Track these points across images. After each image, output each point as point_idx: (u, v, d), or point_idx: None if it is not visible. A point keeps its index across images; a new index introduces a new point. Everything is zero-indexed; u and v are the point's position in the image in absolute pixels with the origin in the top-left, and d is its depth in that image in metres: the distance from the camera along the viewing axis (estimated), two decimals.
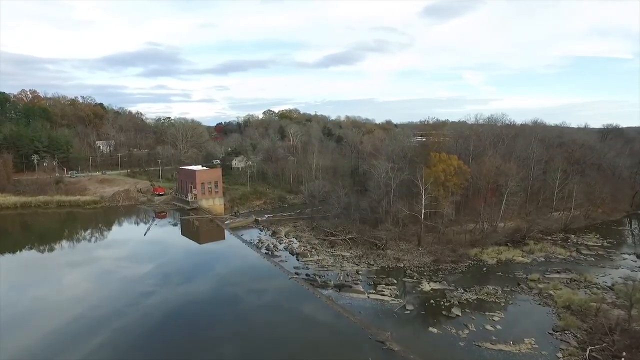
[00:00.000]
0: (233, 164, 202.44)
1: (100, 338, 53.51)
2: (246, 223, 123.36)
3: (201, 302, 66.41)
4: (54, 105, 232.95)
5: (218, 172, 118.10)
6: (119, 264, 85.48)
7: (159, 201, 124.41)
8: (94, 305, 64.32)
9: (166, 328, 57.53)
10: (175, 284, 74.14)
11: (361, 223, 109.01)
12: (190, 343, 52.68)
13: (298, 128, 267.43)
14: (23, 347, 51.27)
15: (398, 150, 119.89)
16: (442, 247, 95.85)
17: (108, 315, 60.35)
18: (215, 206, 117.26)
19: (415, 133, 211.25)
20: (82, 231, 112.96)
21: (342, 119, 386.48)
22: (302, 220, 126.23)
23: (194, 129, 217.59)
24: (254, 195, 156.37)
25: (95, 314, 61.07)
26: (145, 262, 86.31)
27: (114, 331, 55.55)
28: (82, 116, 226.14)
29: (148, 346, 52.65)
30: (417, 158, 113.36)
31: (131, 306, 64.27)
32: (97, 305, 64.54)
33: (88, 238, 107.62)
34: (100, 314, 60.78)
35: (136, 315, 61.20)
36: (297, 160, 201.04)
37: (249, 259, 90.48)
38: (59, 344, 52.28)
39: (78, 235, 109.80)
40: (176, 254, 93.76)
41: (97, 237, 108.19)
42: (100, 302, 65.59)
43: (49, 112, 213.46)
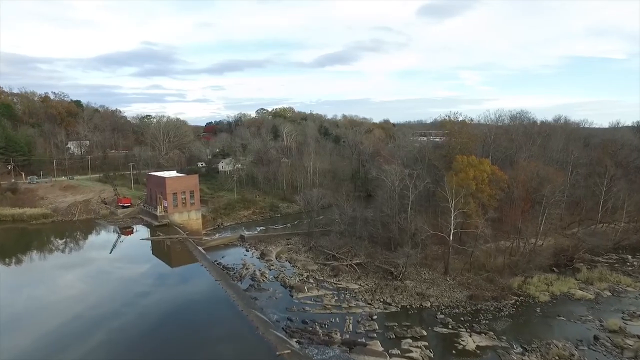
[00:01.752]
0: (220, 167, 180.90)
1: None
2: (230, 240, 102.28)
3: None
4: (19, 102, 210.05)
5: (194, 179, 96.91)
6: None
7: (124, 214, 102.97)
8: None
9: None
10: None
11: (370, 242, 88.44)
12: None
13: (293, 127, 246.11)
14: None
15: (414, 152, 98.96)
16: (475, 275, 75.54)
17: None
18: (191, 221, 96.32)
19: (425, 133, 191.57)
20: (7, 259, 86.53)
21: (338, 118, 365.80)
22: (297, 236, 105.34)
23: (177, 128, 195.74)
24: (241, 204, 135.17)
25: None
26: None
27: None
28: (53, 114, 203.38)
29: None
30: (437, 162, 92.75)
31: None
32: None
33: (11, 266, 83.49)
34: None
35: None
36: (292, 162, 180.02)
37: (218, 308, 61.81)
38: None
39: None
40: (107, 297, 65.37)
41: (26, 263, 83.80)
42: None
43: (12, 109, 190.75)
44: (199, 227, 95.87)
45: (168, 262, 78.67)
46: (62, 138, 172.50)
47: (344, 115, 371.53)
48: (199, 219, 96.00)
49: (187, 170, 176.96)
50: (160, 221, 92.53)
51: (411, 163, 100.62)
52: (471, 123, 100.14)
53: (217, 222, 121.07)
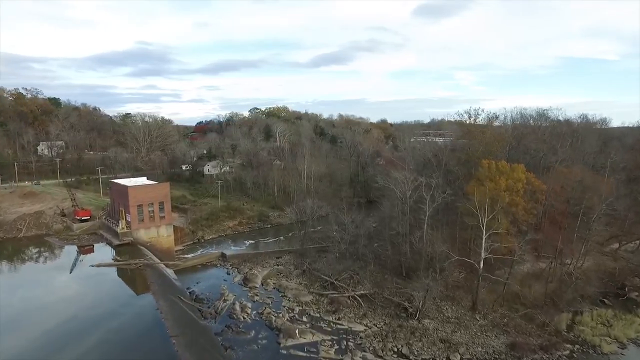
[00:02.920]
0: (205, 171, 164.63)
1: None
2: (209, 259, 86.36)
3: None
4: None
5: (164, 188, 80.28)
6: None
7: (80, 230, 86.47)
8: None
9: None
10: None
11: (377, 266, 72.79)
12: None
13: (286, 126, 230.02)
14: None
15: (429, 156, 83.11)
16: (510, 310, 60.19)
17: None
18: (161, 239, 79.96)
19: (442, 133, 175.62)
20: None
21: (334, 117, 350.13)
22: (289, 253, 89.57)
23: (160, 128, 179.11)
24: (225, 214, 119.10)
25: None
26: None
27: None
28: (24, 112, 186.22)
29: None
30: (456, 168, 77.24)
31: None
32: None
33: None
34: None
35: None
36: (285, 165, 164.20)
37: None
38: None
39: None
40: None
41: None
42: None
43: None
44: (170, 245, 79.89)
45: (114, 295, 61.29)
46: (29, 138, 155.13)
47: (340, 114, 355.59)
48: (171, 236, 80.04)
49: (169, 174, 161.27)
50: (122, 239, 75.55)
51: (421, 168, 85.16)
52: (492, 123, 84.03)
53: (197, 235, 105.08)
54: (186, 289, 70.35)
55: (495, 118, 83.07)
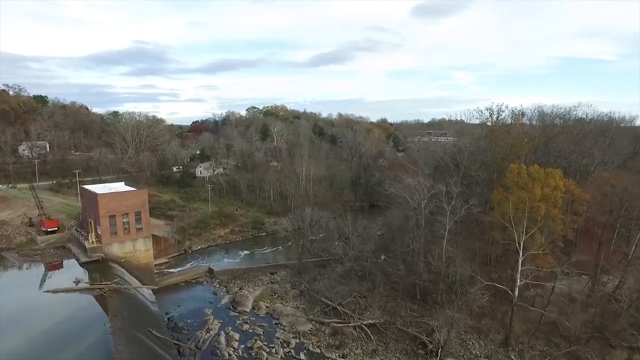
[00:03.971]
0: (197, 173, 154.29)
1: None
2: (194, 276, 76.18)
3: None
4: None
5: (141, 195, 69.45)
6: None
7: (46, 243, 75.91)
8: None
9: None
10: None
11: (387, 288, 62.57)
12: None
13: (284, 126, 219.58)
14: None
15: (446, 159, 72.60)
16: (548, 346, 50.08)
17: None
18: (138, 254, 69.31)
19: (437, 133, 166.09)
20: None
21: (334, 117, 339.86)
22: (284, 268, 79.39)
23: (149, 127, 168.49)
24: (216, 221, 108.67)
25: None
26: None
27: None
28: (5, 110, 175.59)
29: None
30: (478, 174, 66.92)
31: None
32: None
33: None
34: None
35: None
36: (282, 167, 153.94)
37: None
38: None
39: None
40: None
41: None
42: None
43: None
44: (148, 261, 69.52)
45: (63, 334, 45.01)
46: (6, 138, 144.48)
47: (340, 114, 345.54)
48: (150, 250, 69.56)
49: (159, 176, 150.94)
50: (91, 256, 64.37)
51: (436, 172, 74.94)
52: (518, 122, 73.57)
53: (184, 245, 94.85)
54: (164, 314, 60.32)
55: (521, 115, 72.92)
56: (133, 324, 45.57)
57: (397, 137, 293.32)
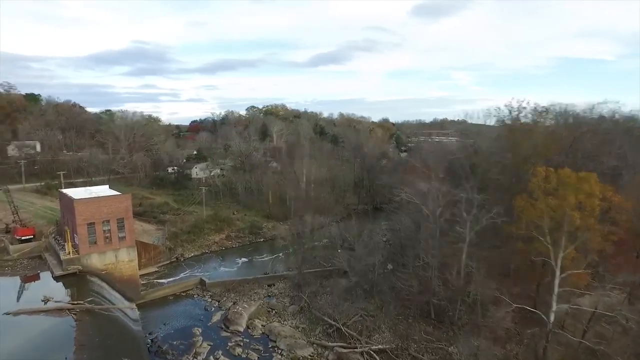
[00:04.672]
0: (193, 174, 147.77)
1: None
2: (184, 288, 69.60)
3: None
4: None
5: (124, 201, 62.60)
6: None
7: (19, 253, 69.05)
8: None
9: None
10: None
11: (397, 306, 55.81)
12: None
13: (284, 125, 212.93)
14: None
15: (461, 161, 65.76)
16: None
17: None
18: (120, 265, 62.78)
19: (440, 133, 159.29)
20: None
21: (335, 116, 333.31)
22: (283, 280, 72.78)
23: (144, 126, 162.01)
24: (211, 226, 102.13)
25: None
26: None
27: None
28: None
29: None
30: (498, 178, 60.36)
31: None
32: None
33: None
34: None
35: None
36: (281, 168, 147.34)
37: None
38: None
39: None
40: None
41: None
42: None
43: None
44: (132, 273, 62.96)
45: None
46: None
47: (341, 113, 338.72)
48: (134, 261, 62.93)
49: (152, 178, 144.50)
50: (66, 268, 58.01)
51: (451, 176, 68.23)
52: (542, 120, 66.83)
53: (176, 253, 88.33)
54: (147, 334, 53.74)
55: (545, 113, 66.14)
56: (104, 354, 38.97)
57: (400, 137, 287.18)
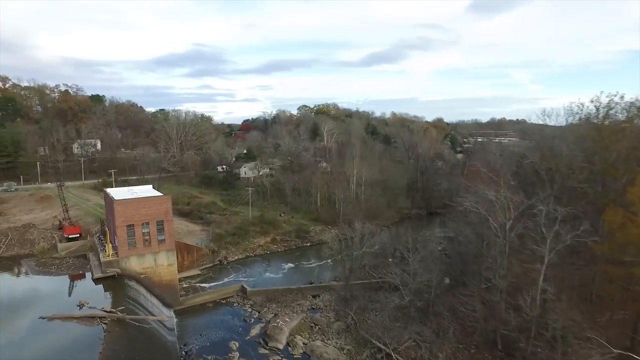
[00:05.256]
0: (242, 173, 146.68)
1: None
2: (224, 295, 66.30)
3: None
4: (33, 96, 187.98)
5: (164, 202, 60.11)
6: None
7: (66, 251, 69.51)
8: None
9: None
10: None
11: (456, 332, 48.37)
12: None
13: (335, 124, 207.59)
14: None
15: (537, 166, 56.53)
16: None
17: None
18: (159, 269, 60.40)
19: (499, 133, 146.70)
20: None
21: (387, 116, 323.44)
22: (329, 292, 67.35)
23: (195, 126, 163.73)
24: (257, 228, 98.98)
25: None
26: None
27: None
28: (63, 109, 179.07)
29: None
30: (584, 186, 50.96)
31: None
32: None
33: None
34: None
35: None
36: (331, 168, 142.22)
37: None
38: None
39: None
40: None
41: None
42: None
43: (16, 103, 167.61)
44: (172, 278, 60.54)
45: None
46: (59, 136, 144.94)
47: (393, 113, 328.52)
48: (173, 265, 60.44)
49: (202, 176, 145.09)
50: (105, 271, 57.04)
51: (523, 183, 59.24)
52: None
53: (220, 256, 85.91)
54: (182, 346, 50.57)
55: None
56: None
57: (455, 138, 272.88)
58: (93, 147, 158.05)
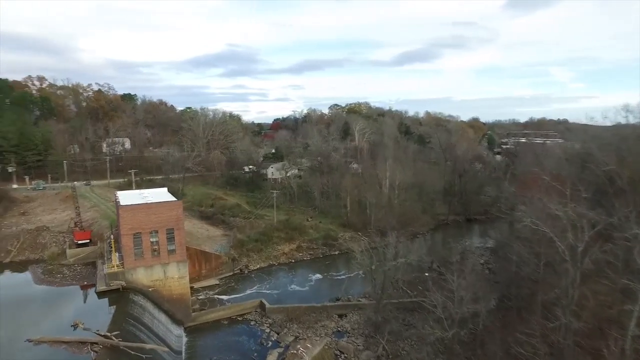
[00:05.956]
0: (268, 174, 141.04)
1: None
2: (241, 311, 60.11)
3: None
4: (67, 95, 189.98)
5: (175, 208, 53.99)
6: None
7: (75, 258, 65.03)
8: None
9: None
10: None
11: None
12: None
13: (366, 124, 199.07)
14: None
15: (618, 170, 46.73)
16: None
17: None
18: (170, 282, 54.71)
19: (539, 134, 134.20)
20: None
21: (421, 115, 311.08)
22: (358, 311, 59.92)
23: (223, 124, 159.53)
24: (282, 234, 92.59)
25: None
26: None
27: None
28: (94, 108, 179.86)
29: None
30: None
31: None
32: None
33: None
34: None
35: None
36: (362, 170, 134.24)
37: None
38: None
39: None
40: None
41: None
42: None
43: (50, 102, 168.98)
44: (183, 291, 54.73)
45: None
46: (87, 135, 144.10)
47: (427, 112, 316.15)
48: (184, 277, 54.64)
49: (227, 177, 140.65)
50: (109, 283, 51.55)
51: (589, 191, 49.65)
52: None
53: (241, 264, 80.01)
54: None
55: None
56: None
57: (493, 138, 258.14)
58: (121, 145, 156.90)
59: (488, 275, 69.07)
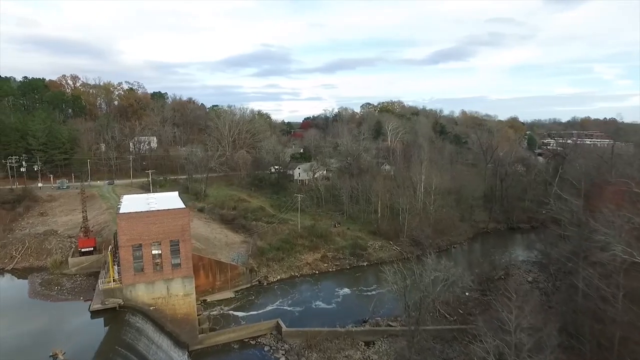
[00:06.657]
0: (295, 175, 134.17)
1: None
2: (254, 333, 53.18)
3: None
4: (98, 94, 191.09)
5: (181, 217, 47.59)
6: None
7: (78, 268, 59.98)
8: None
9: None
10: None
11: None
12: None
13: (399, 123, 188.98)
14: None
15: None
16: None
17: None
18: (173, 300, 48.26)
19: None
20: None
21: (456, 114, 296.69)
22: (387, 339, 51.76)
23: (250, 122, 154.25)
24: (306, 242, 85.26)
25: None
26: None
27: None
28: (123, 106, 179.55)
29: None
30: None
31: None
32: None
33: None
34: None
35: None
36: (395, 172, 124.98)
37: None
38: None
39: None
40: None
41: None
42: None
43: (81, 101, 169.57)
44: (188, 311, 48.27)
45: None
46: (113, 134, 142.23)
47: (463, 111, 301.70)
48: (190, 295, 47.87)
49: (253, 177, 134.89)
50: (104, 301, 44.74)
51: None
52: None
53: (259, 275, 73.23)
54: None
55: None
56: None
57: (533, 138, 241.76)
58: (148, 144, 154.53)
59: (540, 298, 59.27)
